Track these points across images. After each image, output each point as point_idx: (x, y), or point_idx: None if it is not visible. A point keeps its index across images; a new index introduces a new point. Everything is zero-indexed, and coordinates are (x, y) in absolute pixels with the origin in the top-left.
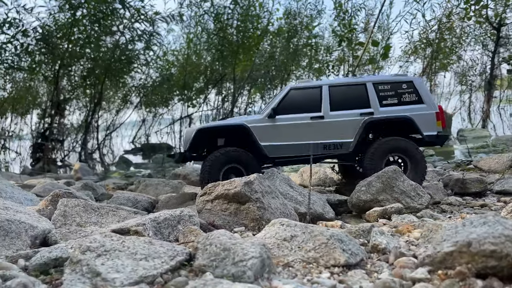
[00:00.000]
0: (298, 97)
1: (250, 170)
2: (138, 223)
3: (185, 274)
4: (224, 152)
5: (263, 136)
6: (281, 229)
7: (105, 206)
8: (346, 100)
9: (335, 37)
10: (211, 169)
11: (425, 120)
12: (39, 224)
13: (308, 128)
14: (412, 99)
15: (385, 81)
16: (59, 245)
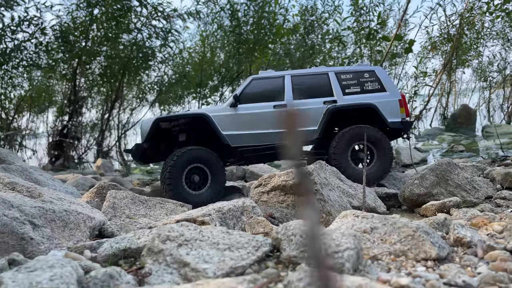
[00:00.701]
0: (261, 87)
1: (214, 169)
2: (203, 213)
3: (273, 265)
4: (186, 151)
5: (225, 125)
6: (357, 220)
7: (152, 199)
8: (309, 89)
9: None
10: (173, 170)
11: (388, 107)
12: (95, 215)
13: (271, 116)
14: (375, 87)
15: (347, 71)
16: (126, 236)
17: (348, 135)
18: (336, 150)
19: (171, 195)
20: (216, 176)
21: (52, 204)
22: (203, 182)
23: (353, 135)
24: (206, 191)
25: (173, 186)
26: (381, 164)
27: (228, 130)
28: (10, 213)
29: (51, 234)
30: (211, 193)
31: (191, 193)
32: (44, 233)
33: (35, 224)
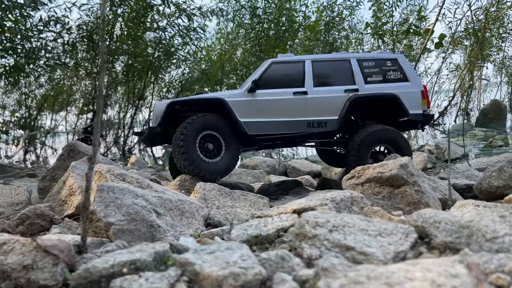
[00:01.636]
0: (280, 72)
1: (227, 137)
2: (320, 203)
3: (426, 251)
4: (198, 117)
5: (242, 111)
6: (480, 210)
7: (236, 191)
8: (330, 76)
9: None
10: (186, 137)
11: (410, 98)
12: (202, 205)
13: (290, 104)
14: (397, 76)
15: (369, 58)
16: (252, 223)
17: (372, 136)
18: (357, 152)
19: (185, 162)
20: (230, 144)
21: (165, 194)
22: (217, 151)
23: (377, 137)
24: (221, 160)
25: (187, 153)
26: None
27: (246, 117)
28: (138, 202)
29: (172, 222)
30: (226, 162)
31: (206, 161)
32: (166, 221)
33: (158, 212)
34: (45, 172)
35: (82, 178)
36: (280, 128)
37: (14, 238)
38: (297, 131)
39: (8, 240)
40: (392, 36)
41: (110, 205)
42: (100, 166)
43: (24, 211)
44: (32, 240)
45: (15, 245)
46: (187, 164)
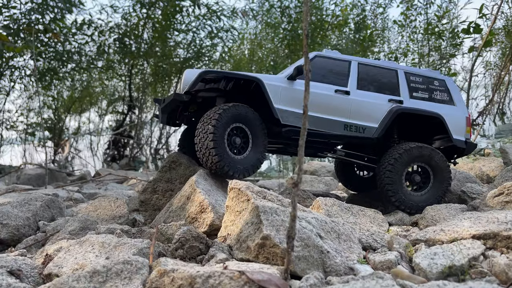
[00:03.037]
0: (323, 66)
1: (256, 130)
2: (505, 227)
3: None
4: (229, 107)
5: (279, 97)
6: None
7: (354, 206)
8: (375, 82)
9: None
10: (217, 130)
11: (455, 122)
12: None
13: (330, 100)
14: (444, 98)
15: (417, 73)
16: (433, 250)
17: (408, 154)
18: (393, 168)
19: (214, 158)
20: (257, 139)
21: (317, 215)
22: (243, 145)
23: (416, 154)
24: (248, 155)
25: (218, 148)
26: (437, 191)
27: (281, 104)
28: (305, 225)
29: (336, 247)
30: (253, 158)
31: (235, 158)
32: (330, 245)
33: (321, 236)
34: (146, 185)
35: (208, 194)
36: (315, 124)
37: (218, 271)
38: (333, 131)
39: (213, 273)
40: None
41: (280, 229)
42: (237, 183)
43: (181, 234)
44: (240, 274)
45: (222, 279)
46: (216, 160)
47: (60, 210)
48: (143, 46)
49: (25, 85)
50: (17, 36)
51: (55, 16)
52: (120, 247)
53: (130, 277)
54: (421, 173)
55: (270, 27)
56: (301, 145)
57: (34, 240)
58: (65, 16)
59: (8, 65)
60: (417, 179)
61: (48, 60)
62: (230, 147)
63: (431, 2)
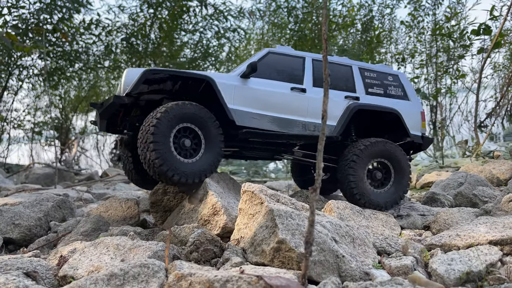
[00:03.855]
0: (277, 63)
1: (209, 130)
2: None
3: None
4: (173, 106)
5: (233, 97)
6: None
7: (366, 210)
8: (331, 78)
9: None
10: (158, 130)
11: (411, 118)
12: (367, 230)
13: (287, 99)
14: (398, 93)
15: (371, 69)
16: (449, 256)
17: (369, 150)
18: (355, 164)
19: (156, 162)
20: (211, 140)
21: (331, 219)
22: (194, 149)
23: (375, 152)
24: (201, 159)
25: (160, 153)
26: (398, 187)
27: (235, 104)
28: (320, 229)
29: (350, 251)
30: (205, 162)
31: (183, 162)
32: (345, 250)
33: (336, 240)
34: (157, 186)
35: (221, 196)
36: (272, 124)
37: (235, 275)
38: (291, 131)
39: (230, 277)
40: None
41: (295, 233)
42: (250, 186)
43: (196, 237)
44: (258, 279)
45: (239, 284)
46: (158, 164)
47: (71, 210)
48: (150, 46)
49: (33, 84)
50: (26, 36)
51: (63, 16)
52: (135, 250)
53: (147, 280)
54: (382, 170)
55: (277, 27)
56: (319, 150)
57: (46, 240)
58: (73, 16)
59: (17, 64)
60: (379, 176)
61: (56, 59)
62: (179, 149)
63: (440, 3)
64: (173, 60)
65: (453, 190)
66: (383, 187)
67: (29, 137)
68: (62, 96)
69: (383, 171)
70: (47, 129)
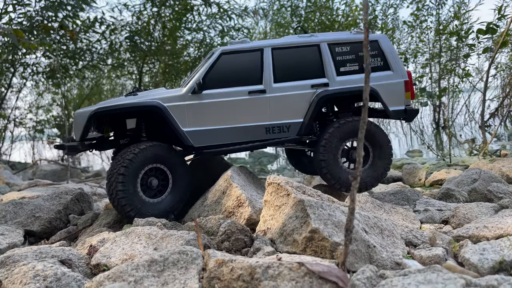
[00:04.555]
0: (232, 65)
1: (176, 169)
2: None
3: None
4: (142, 149)
5: (185, 119)
6: None
7: (386, 204)
8: (294, 68)
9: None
10: (127, 173)
11: (391, 91)
12: (395, 223)
13: (244, 106)
14: (377, 64)
15: (344, 41)
16: (481, 246)
17: (342, 129)
18: (325, 150)
19: (122, 204)
20: (179, 179)
21: (358, 210)
22: (162, 187)
23: (347, 130)
24: (166, 198)
25: (126, 194)
26: (378, 166)
27: (190, 125)
28: (344, 217)
29: (380, 242)
30: (172, 200)
31: (148, 202)
32: (375, 240)
33: (365, 231)
34: None
35: (244, 188)
36: (232, 137)
37: (276, 262)
38: (253, 138)
39: (271, 263)
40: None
41: (327, 223)
42: (275, 178)
43: (226, 227)
44: (299, 265)
45: (281, 270)
46: (126, 209)
47: (89, 204)
48: (154, 44)
49: (36, 81)
50: (31, 34)
51: (68, 14)
52: (167, 239)
53: (186, 267)
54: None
55: (280, 27)
56: (360, 138)
57: (67, 232)
58: (77, 14)
59: (21, 62)
60: (354, 156)
61: (61, 57)
62: (147, 189)
63: (443, 3)
64: (177, 58)
65: (467, 187)
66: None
67: (31, 135)
68: (65, 94)
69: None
70: (49, 127)
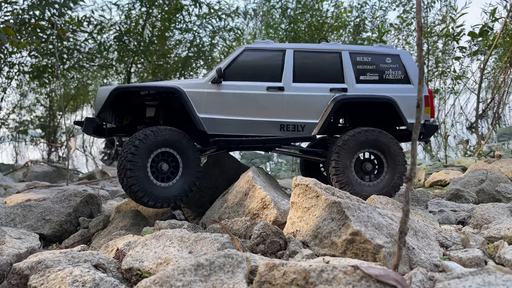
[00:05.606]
0: (254, 61)
1: (186, 154)
2: None
3: None
4: (150, 132)
5: (202, 106)
6: None
7: (395, 201)
8: (314, 70)
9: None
10: (135, 158)
11: (411, 104)
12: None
13: (262, 100)
14: (397, 77)
15: (365, 52)
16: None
17: (356, 138)
18: (338, 157)
19: (132, 188)
20: (189, 163)
21: (385, 210)
22: (172, 171)
23: (362, 140)
24: (177, 183)
25: (136, 179)
26: (391, 179)
27: (206, 112)
28: (388, 221)
29: (417, 244)
30: (183, 184)
31: (159, 186)
32: (412, 242)
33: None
34: None
35: (267, 190)
36: (246, 129)
37: (329, 265)
38: (267, 134)
39: (325, 267)
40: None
41: (367, 225)
42: (303, 179)
43: (261, 229)
44: (354, 268)
45: (335, 273)
46: (135, 189)
47: (98, 206)
48: (143, 44)
49: (21, 81)
50: (19, 32)
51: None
52: (201, 242)
53: (232, 271)
54: (373, 161)
55: (270, 27)
56: (414, 138)
57: (81, 236)
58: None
59: (6, 61)
60: (369, 168)
61: (47, 57)
62: (157, 173)
63: (431, 6)
64: (166, 58)
65: (474, 187)
66: (375, 179)
67: (13, 136)
68: (50, 94)
69: (375, 163)
70: (33, 127)
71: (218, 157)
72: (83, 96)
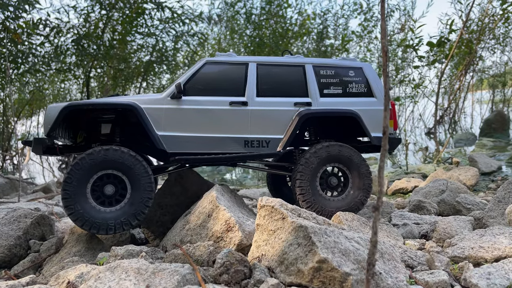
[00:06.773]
0: (216, 75)
1: (136, 178)
2: None
3: None
4: (92, 152)
5: (161, 122)
6: None
7: (370, 220)
8: (278, 84)
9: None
10: (71, 180)
11: (374, 117)
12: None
13: (225, 116)
14: (360, 90)
15: (329, 65)
16: (485, 270)
17: (320, 153)
18: (302, 175)
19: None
20: (138, 187)
21: (357, 233)
22: (120, 195)
23: (326, 155)
24: (121, 208)
25: (71, 202)
26: (357, 193)
27: (166, 130)
28: (356, 246)
29: (383, 267)
30: (128, 211)
31: (99, 210)
32: (379, 266)
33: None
34: None
35: (231, 211)
36: (208, 146)
37: None
38: (231, 150)
39: None
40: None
41: (334, 251)
42: (268, 200)
43: (225, 258)
44: None
45: None
46: (73, 218)
47: (50, 227)
48: (103, 48)
49: None
50: None
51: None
52: (159, 274)
53: None
54: (338, 175)
55: (235, 33)
56: (381, 166)
57: (31, 262)
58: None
59: None
60: (334, 182)
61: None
62: (100, 197)
63: (391, 15)
64: (127, 63)
65: (435, 198)
66: (341, 194)
67: None
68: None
69: (340, 177)
70: None
71: (180, 174)
72: (39, 101)
